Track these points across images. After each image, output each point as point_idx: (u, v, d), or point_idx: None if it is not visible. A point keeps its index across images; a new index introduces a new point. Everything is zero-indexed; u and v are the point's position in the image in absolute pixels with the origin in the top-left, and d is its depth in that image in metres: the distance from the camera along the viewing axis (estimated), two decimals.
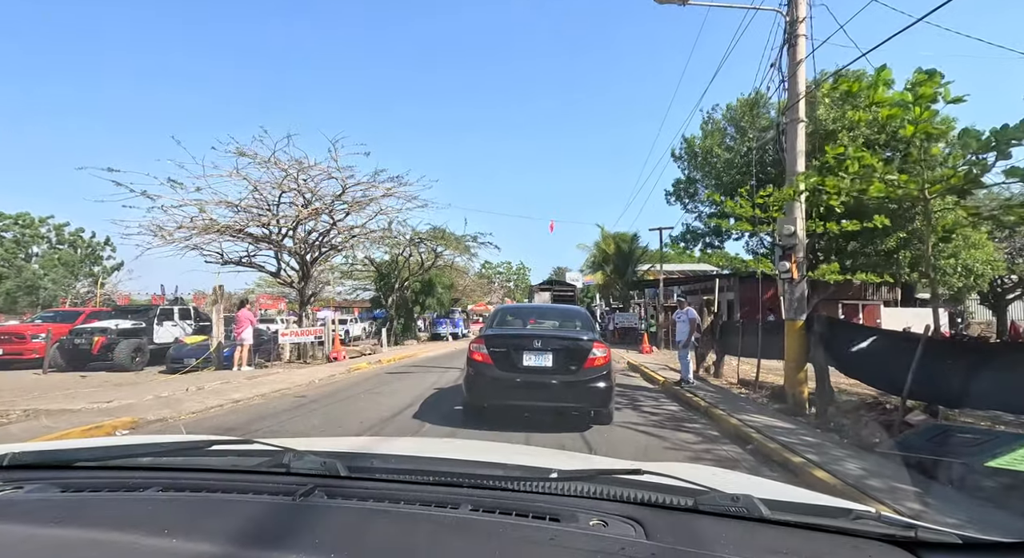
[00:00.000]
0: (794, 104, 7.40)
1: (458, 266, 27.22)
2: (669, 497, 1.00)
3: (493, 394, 5.82)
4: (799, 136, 7.42)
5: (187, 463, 1.22)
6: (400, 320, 25.39)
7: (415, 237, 22.18)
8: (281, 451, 1.17)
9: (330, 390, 8.83)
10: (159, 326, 14.87)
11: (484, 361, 5.82)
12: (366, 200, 15.99)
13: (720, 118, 18.93)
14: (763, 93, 18.00)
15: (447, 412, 6.77)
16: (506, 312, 7.73)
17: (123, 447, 1.29)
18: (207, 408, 6.71)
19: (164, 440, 1.53)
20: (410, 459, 1.28)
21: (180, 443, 1.38)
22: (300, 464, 1.11)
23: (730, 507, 0.96)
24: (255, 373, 10.46)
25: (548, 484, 1.04)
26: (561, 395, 5.70)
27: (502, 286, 62.73)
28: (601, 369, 5.76)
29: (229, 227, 14.02)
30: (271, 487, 1.06)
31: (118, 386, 9.26)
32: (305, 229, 16.64)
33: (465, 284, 38.06)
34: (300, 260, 16.43)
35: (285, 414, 6.68)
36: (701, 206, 21.45)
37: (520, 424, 5.64)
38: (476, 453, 1.51)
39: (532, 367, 5.71)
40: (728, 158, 17.81)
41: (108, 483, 1.11)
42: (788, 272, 7.15)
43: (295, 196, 15.27)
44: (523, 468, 1.16)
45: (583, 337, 6.01)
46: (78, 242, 36.67)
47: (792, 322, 7.20)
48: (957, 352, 4.98)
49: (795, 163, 7.40)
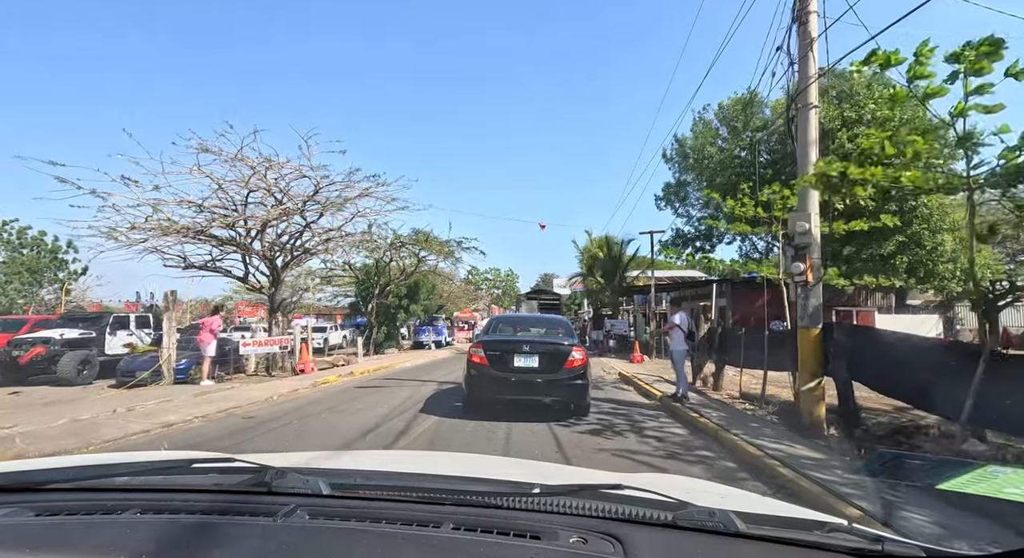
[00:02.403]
0: (806, 88, 6.64)
1: (442, 271, 26.18)
2: (648, 511, 1.00)
3: (490, 390, 6.87)
4: (811, 124, 6.65)
5: (166, 483, 1.19)
6: (383, 328, 24.27)
7: (396, 241, 21.18)
8: (262, 469, 1.14)
9: (287, 408, 7.80)
10: (112, 336, 13.67)
11: (481, 363, 6.90)
12: (341, 201, 15.00)
13: (712, 118, 18.32)
14: (757, 93, 17.58)
15: (416, 437, 5.85)
16: (500, 321, 8.96)
17: (99, 467, 1.27)
18: (128, 435, 5.67)
19: (143, 458, 1.38)
20: (393, 475, 1.27)
21: (158, 462, 1.29)
22: (282, 483, 1.09)
23: (707, 522, 0.97)
24: (207, 389, 9.37)
25: (530, 500, 1.04)
26: (546, 391, 6.72)
27: (489, 293, 61.82)
28: (579, 369, 6.84)
29: (189, 228, 12.92)
30: (252, 507, 1.04)
31: (47, 405, 8.16)
32: (277, 231, 15.63)
33: (451, 290, 37.04)
34: (269, 264, 15.36)
35: (224, 440, 5.68)
36: (692, 210, 20.82)
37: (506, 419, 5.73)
38: (459, 467, 1.53)
39: (522, 367, 6.75)
40: (721, 159, 17.18)
41: (84, 506, 1.07)
42: (802, 275, 6.35)
43: (264, 195, 14.25)
44: (506, 483, 1.16)
45: (564, 342, 7.09)
46: (41, 246, 34.98)
47: (807, 331, 6.38)
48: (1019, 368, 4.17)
49: (808, 153, 6.63)
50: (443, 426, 6.47)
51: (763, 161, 16.82)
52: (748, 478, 4.37)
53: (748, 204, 8.68)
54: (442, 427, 6.42)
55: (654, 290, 18.71)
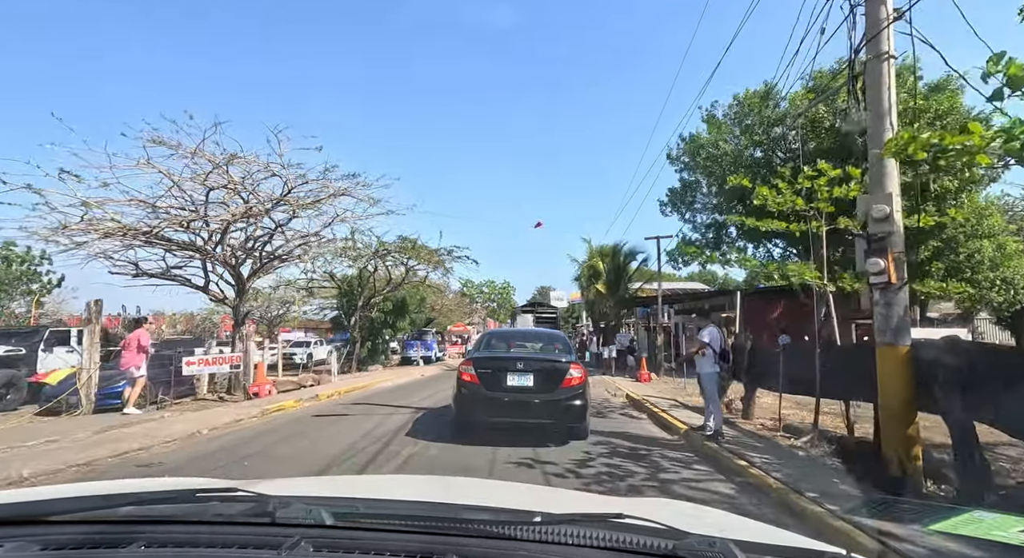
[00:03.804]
0: (878, 34, 5.13)
1: (432, 282, 24.49)
2: (649, 540, 1.01)
3: (480, 411, 6.34)
4: (887, 79, 5.12)
5: (170, 513, 1.16)
6: (367, 343, 22.50)
7: (381, 248, 19.53)
8: (266, 499, 1.15)
9: (208, 449, 6.08)
10: (47, 352, 11.98)
11: (472, 381, 6.37)
12: (314, 200, 13.40)
13: (722, 116, 16.90)
14: (773, 84, 16.22)
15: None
16: (492, 336, 8.30)
17: (104, 497, 1.23)
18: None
19: (147, 487, 1.38)
20: (395, 504, 1.28)
21: (162, 493, 1.29)
22: (285, 513, 1.08)
23: (706, 553, 0.97)
24: (127, 421, 7.58)
25: (532, 529, 1.05)
26: (541, 412, 6.19)
27: (484, 306, 60.04)
28: (577, 388, 6.32)
29: (134, 229, 11.29)
30: (257, 539, 1.03)
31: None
32: (244, 235, 14.01)
33: (443, 303, 35.33)
34: (233, 272, 13.71)
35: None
36: (700, 216, 19.30)
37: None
38: (460, 493, 1.55)
39: (515, 387, 6.25)
40: (735, 157, 15.72)
41: (90, 539, 1.06)
42: (882, 274, 4.76)
43: (227, 194, 12.66)
44: (508, 511, 1.19)
45: (561, 359, 6.60)
46: (12, 257, 33.22)
47: (891, 349, 4.77)
48: None
49: (883, 117, 5.09)
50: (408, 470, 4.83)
51: (777, 161, 15.40)
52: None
53: (786, 193, 7.14)
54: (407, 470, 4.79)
55: (661, 301, 17.07)
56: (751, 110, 16.03)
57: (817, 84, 13.35)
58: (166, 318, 52.42)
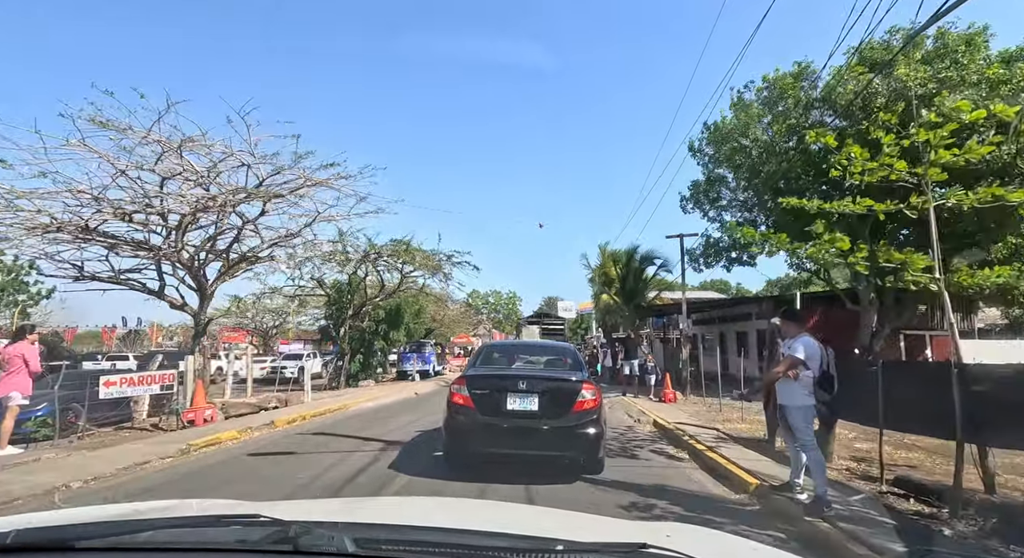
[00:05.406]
0: None
1: (431, 290, 22.55)
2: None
3: (474, 441, 5.46)
4: None
5: (193, 539, 1.15)
6: (358, 356, 20.53)
7: (372, 251, 17.68)
8: (287, 525, 1.11)
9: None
10: None
11: (465, 404, 5.50)
12: (288, 190, 11.58)
13: (753, 99, 14.98)
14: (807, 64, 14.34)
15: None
16: (492, 349, 7.66)
17: (129, 523, 1.23)
18: None
19: (170, 512, 1.40)
20: (416, 530, 1.23)
21: (186, 518, 1.32)
22: (307, 540, 1.05)
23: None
24: None
25: (553, 557, 1.02)
26: (548, 443, 5.32)
27: (490, 317, 58.09)
28: (592, 413, 5.41)
29: (59, 223, 9.51)
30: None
31: None
32: (208, 233, 12.23)
33: (445, 313, 33.38)
34: (193, 275, 11.89)
35: None
36: (727, 214, 17.30)
37: None
38: (478, 517, 1.53)
39: (517, 411, 5.36)
40: (767, 147, 13.76)
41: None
42: None
43: (185, 186, 10.90)
44: (528, 538, 1.15)
45: (571, 378, 5.74)
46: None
47: None
48: None
49: None
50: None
51: (793, 160, 13.46)
52: None
53: (891, 149, 5.15)
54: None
55: (686, 308, 14.96)
56: (782, 93, 14.13)
57: (866, 57, 11.50)
58: (163, 329, 50.86)
